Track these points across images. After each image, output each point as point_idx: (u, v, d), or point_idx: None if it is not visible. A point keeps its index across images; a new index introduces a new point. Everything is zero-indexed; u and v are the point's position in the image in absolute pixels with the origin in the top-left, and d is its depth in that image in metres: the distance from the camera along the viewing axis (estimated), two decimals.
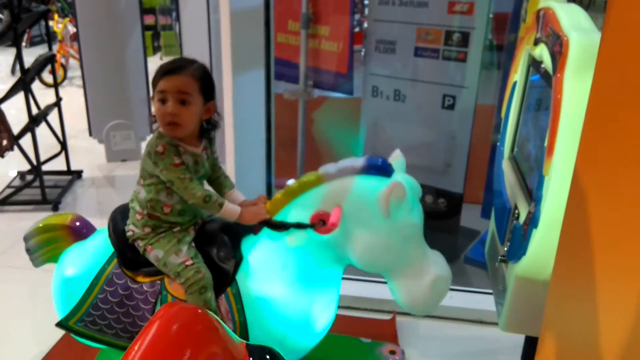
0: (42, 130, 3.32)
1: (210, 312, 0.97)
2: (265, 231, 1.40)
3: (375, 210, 1.30)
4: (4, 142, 1.47)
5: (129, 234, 1.40)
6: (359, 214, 1.33)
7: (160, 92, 1.29)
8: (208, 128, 1.40)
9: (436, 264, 1.38)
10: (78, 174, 3.69)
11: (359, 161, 1.35)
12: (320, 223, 1.34)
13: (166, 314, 0.86)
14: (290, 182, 1.40)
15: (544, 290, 0.97)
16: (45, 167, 3.33)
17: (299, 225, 1.35)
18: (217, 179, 1.47)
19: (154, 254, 1.36)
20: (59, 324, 1.47)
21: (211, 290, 1.34)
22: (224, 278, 1.38)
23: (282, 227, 1.37)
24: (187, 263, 1.33)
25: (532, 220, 1.14)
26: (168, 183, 1.31)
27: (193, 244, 1.40)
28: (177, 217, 1.38)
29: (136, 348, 0.79)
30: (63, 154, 3.63)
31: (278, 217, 1.38)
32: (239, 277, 1.39)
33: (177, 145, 1.31)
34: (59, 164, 3.62)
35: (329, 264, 1.41)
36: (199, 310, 0.93)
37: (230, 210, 1.34)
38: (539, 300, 1.03)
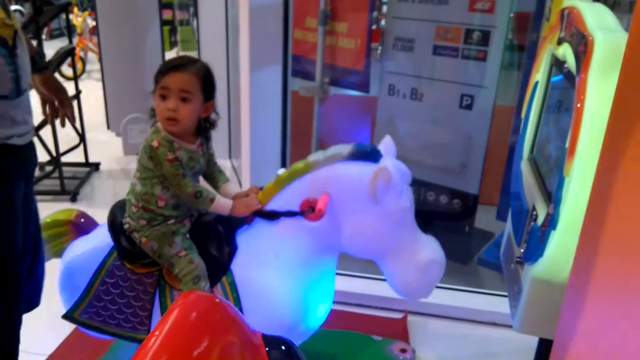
0: None
1: (227, 302, 0.98)
2: (259, 221, 1.41)
3: (362, 195, 1.30)
4: (68, 115, 1.55)
5: (126, 226, 1.43)
6: (347, 200, 1.33)
7: (162, 88, 1.31)
8: (206, 126, 1.42)
9: (429, 248, 1.37)
10: (96, 166, 3.74)
11: (346, 148, 1.35)
12: (309, 210, 1.35)
13: (184, 303, 0.87)
14: (281, 171, 1.41)
15: (560, 292, 0.96)
16: (64, 159, 3.38)
17: (289, 213, 1.37)
18: (212, 174, 1.50)
19: (149, 245, 1.39)
20: (65, 316, 1.50)
21: (205, 280, 1.36)
22: (219, 267, 1.40)
23: (273, 216, 1.38)
24: (181, 254, 1.36)
25: (551, 222, 1.13)
26: (161, 177, 1.34)
27: (188, 235, 1.42)
28: (172, 211, 1.40)
29: (157, 333, 0.81)
30: (82, 146, 3.68)
31: (270, 206, 1.39)
32: (234, 266, 1.41)
33: (172, 141, 1.33)
34: (77, 156, 3.67)
35: (322, 251, 1.41)
36: (216, 300, 0.94)
37: (222, 204, 1.36)
38: (555, 303, 1.02)
